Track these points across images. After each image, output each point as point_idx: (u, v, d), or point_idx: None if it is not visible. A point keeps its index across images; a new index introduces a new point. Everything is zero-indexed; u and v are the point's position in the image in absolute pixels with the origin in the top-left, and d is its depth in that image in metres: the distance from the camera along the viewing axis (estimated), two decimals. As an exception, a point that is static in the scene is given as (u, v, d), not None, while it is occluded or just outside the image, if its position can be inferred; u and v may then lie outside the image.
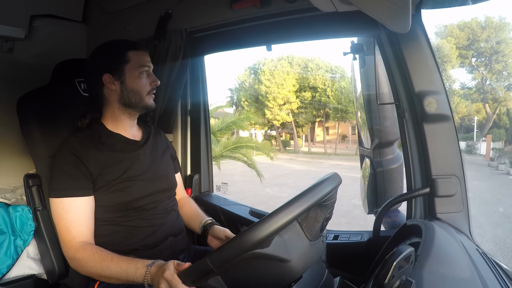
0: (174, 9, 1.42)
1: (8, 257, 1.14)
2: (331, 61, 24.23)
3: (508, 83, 17.69)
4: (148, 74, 1.05)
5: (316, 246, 0.76)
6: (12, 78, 1.40)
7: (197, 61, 1.66)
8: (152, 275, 0.79)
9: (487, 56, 17.32)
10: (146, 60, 1.04)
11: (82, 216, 0.94)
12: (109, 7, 1.56)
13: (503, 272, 0.83)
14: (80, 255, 0.90)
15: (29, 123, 1.10)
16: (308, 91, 19.64)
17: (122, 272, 0.84)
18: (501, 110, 17.49)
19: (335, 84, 19.40)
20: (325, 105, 19.56)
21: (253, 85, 20.23)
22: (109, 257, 0.88)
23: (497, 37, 16.73)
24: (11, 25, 1.35)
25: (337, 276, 0.88)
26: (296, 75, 19.77)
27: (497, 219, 5.84)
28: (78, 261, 0.90)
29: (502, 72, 17.32)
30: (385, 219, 1.42)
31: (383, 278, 0.59)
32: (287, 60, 20.08)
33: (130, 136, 1.08)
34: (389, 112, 1.42)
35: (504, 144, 16.21)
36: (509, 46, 16.85)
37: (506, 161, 10.84)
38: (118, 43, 1.04)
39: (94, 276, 0.90)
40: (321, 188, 0.69)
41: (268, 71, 19.54)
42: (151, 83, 1.05)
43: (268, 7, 1.25)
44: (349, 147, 22.04)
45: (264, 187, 8.90)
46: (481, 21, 16.83)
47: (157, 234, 1.03)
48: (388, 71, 1.18)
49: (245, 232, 0.64)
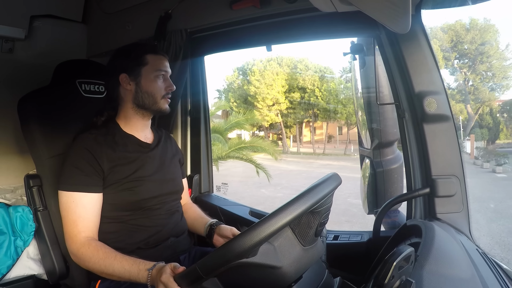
0: (174, 9, 1.42)
1: (8, 257, 1.14)
2: (319, 62, 24.57)
3: (492, 84, 17.90)
4: (165, 79, 1.07)
5: (311, 251, 0.75)
6: (12, 79, 1.40)
7: (197, 61, 1.66)
8: (152, 278, 0.81)
9: (471, 58, 17.54)
10: (163, 65, 1.06)
11: (90, 212, 0.95)
12: (109, 7, 1.56)
13: (503, 272, 0.83)
14: (84, 250, 0.91)
15: (29, 124, 1.10)
16: (297, 91, 19.82)
17: (124, 272, 0.86)
18: (484, 110, 17.66)
19: (324, 85, 19.57)
20: (314, 105, 19.71)
21: (242, 86, 20.31)
22: (112, 255, 0.89)
23: (482, 38, 16.93)
24: (11, 25, 1.35)
25: (337, 276, 0.88)
26: (285, 75, 19.91)
27: (490, 214, 6.02)
28: (81, 256, 0.91)
29: (486, 73, 17.58)
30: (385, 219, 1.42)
31: (383, 278, 0.59)
32: (276, 61, 20.23)
33: (143, 138, 1.10)
34: (389, 112, 1.42)
35: (487, 143, 16.32)
36: (494, 47, 17.08)
37: (492, 160, 10.94)
38: (139, 45, 1.09)
39: (95, 271, 0.91)
40: (311, 196, 0.67)
41: (258, 72, 19.62)
42: (167, 87, 1.06)
43: (268, 7, 1.25)
44: (337, 147, 22.26)
45: (258, 187, 8.93)
46: (465, 23, 17.12)
47: (160, 234, 1.04)
48: (388, 71, 1.18)
49: (230, 243, 0.63)
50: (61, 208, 0.97)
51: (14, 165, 1.41)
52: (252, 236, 0.62)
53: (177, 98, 1.52)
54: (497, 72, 17.26)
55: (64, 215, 0.96)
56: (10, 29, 1.35)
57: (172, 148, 1.20)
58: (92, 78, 1.22)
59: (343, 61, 25.40)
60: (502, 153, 12.07)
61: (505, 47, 17.20)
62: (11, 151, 1.41)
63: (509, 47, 17.19)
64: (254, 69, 19.86)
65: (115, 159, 1.00)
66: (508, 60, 17.42)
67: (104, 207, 0.99)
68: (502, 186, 8.46)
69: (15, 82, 1.38)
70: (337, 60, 40.81)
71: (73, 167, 0.97)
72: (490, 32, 16.88)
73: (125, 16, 1.55)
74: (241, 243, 0.62)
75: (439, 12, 13.85)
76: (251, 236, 0.62)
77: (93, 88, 1.22)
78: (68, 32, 1.56)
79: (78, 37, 1.61)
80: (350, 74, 17.99)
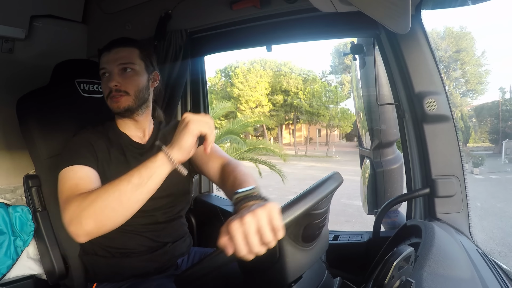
0: (174, 9, 1.42)
1: (8, 257, 1.14)
2: (303, 65, 24.84)
3: (465, 89, 18.52)
4: (108, 77, 0.97)
5: (310, 252, 0.72)
6: (12, 79, 1.40)
7: (197, 61, 1.66)
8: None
9: (445, 65, 18.02)
10: (104, 61, 0.98)
11: (90, 179, 0.85)
12: (109, 7, 1.56)
13: (503, 272, 0.83)
14: (79, 197, 0.76)
15: (28, 124, 1.10)
16: (280, 94, 20.15)
17: (140, 171, 0.74)
18: (457, 114, 18.06)
19: (308, 88, 19.75)
20: (297, 108, 19.89)
21: (224, 88, 20.34)
22: (109, 183, 0.75)
23: (457, 45, 17.49)
24: (11, 25, 1.35)
25: (337, 276, 0.87)
26: (269, 78, 20.02)
27: (478, 212, 6.20)
28: (74, 207, 0.74)
29: (459, 79, 18.17)
30: (385, 219, 1.42)
31: (383, 279, 0.59)
32: (260, 63, 20.34)
33: (136, 138, 1.05)
34: (389, 112, 1.42)
35: (462, 146, 16.62)
36: (469, 54, 17.66)
37: (469, 161, 11.02)
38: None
39: (102, 217, 0.72)
40: (316, 193, 0.64)
41: (241, 74, 19.68)
42: (110, 84, 0.96)
43: (268, 8, 1.25)
44: (317, 149, 22.58)
45: None
46: (440, 31, 17.73)
47: (155, 240, 1.01)
48: (388, 72, 1.18)
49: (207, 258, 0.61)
50: (59, 183, 0.85)
51: (14, 165, 1.41)
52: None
53: (177, 98, 1.52)
54: (471, 78, 17.96)
55: (62, 185, 0.84)
56: (10, 29, 1.35)
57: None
58: (91, 78, 1.22)
59: (323, 65, 25.76)
60: (478, 155, 12.29)
61: (481, 54, 18.00)
62: (10, 151, 1.41)
63: (484, 54, 18.00)
64: (237, 71, 19.99)
65: (107, 155, 0.96)
66: (483, 66, 18.17)
67: None
68: (483, 186, 8.71)
69: (15, 82, 1.38)
70: (318, 63, 41.25)
71: (69, 151, 0.92)
72: (465, 39, 17.57)
73: (125, 16, 1.55)
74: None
75: (439, 13, 14.17)
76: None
77: (92, 88, 1.22)
78: (68, 32, 1.56)
79: (78, 37, 1.61)
80: (329, 77, 17.78)
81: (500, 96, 17.75)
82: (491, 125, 16.58)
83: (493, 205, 6.93)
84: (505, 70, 27.66)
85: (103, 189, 0.75)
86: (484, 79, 18.26)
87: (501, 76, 26.89)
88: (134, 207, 0.75)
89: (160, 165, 0.75)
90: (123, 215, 0.75)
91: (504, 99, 17.29)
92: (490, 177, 10.17)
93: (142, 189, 0.74)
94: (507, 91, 17.90)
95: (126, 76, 0.97)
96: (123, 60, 0.97)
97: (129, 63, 0.97)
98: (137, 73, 0.99)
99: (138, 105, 1.00)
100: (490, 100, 19.70)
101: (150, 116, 1.08)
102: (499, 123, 16.23)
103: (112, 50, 0.97)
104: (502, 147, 13.10)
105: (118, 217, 0.74)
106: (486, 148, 14.69)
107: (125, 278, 0.97)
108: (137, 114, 1.02)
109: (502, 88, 18.74)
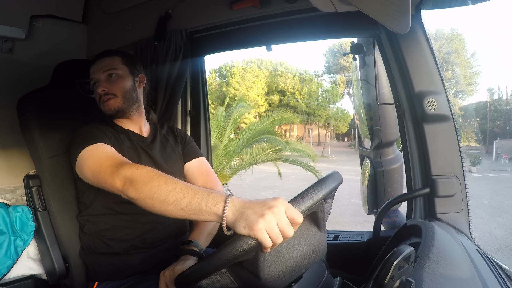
0: (174, 9, 1.42)
1: (8, 257, 1.14)
2: (299, 65, 25.08)
3: (455, 90, 18.70)
4: (98, 84, 1.07)
5: (310, 252, 0.73)
6: (12, 79, 1.40)
7: (197, 61, 1.66)
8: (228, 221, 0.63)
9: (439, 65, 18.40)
10: (92, 72, 1.08)
11: (114, 151, 0.91)
12: (109, 7, 1.56)
13: (503, 272, 0.83)
14: (136, 169, 0.76)
15: (29, 124, 1.10)
16: (276, 94, 20.21)
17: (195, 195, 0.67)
18: None
19: (304, 88, 19.79)
20: (293, 108, 19.97)
21: (220, 88, 20.34)
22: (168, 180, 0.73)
23: (448, 47, 17.82)
24: (11, 25, 1.35)
25: (337, 276, 0.87)
26: (265, 78, 20.09)
27: (488, 210, 6.24)
28: (138, 178, 0.74)
29: (450, 80, 18.25)
30: (385, 219, 1.42)
31: (383, 278, 0.59)
32: (256, 63, 20.36)
33: (138, 131, 1.12)
34: (389, 112, 1.42)
35: None
36: (460, 56, 17.99)
37: (467, 160, 11.09)
38: None
39: (158, 193, 0.71)
40: (325, 186, 0.67)
41: (238, 73, 19.70)
42: (98, 90, 1.06)
43: (268, 8, 1.25)
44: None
45: (256, 190, 8.94)
46: (432, 33, 17.90)
47: (156, 232, 1.02)
48: (388, 71, 1.18)
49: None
50: (85, 162, 0.88)
51: (14, 165, 1.41)
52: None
53: (177, 98, 1.52)
54: (461, 79, 18.25)
55: (92, 163, 0.86)
56: (10, 29, 1.35)
57: (171, 141, 1.18)
58: None
59: (317, 65, 25.92)
60: (474, 154, 12.36)
61: (471, 55, 18.27)
62: (11, 151, 1.41)
63: (475, 55, 18.27)
64: (234, 71, 20.00)
65: (119, 140, 1.04)
66: (473, 67, 18.44)
67: (101, 192, 0.96)
68: (484, 184, 8.73)
69: (15, 82, 1.38)
70: (312, 64, 41.50)
71: (86, 133, 0.96)
72: (456, 41, 17.82)
73: (125, 16, 1.55)
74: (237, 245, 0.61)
75: (439, 13, 14.21)
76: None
77: (92, 88, 1.22)
78: (68, 32, 1.56)
79: (78, 37, 1.61)
80: (322, 77, 17.75)
81: (488, 97, 18.05)
82: (478, 125, 16.72)
83: (502, 202, 6.96)
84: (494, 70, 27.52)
85: (162, 179, 0.72)
86: (474, 80, 18.53)
87: (489, 77, 26.90)
88: (163, 213, 0.72)
89: (211, 214, 0.66)
90: (159, 210, 0.72)
91: (493, 99, 17.52)
92: (488, 175, 10.23)
93: (179, 212, 0.69)
94: (495, 91, 18.21)
95: (112, 80, 1.06)
96: (106, 67, 1.06)
97: (112, 68, 1.07)
98: (121, 77, 1.07)
99: (128, 105, 1.08)
100: (478, 100, 20.10)
101: (144, 115, 1.16)
102: (487, 123, 16.40)
103: (97, 61, 1.08)
104: (493, 146, 13.25)
105: (156, 208, 0.72)
106: (472, 147, 14.72)
107: (126, 276, 0.98)
108: (130, 113, 1.10)
109: (491, 89, 19.14)
